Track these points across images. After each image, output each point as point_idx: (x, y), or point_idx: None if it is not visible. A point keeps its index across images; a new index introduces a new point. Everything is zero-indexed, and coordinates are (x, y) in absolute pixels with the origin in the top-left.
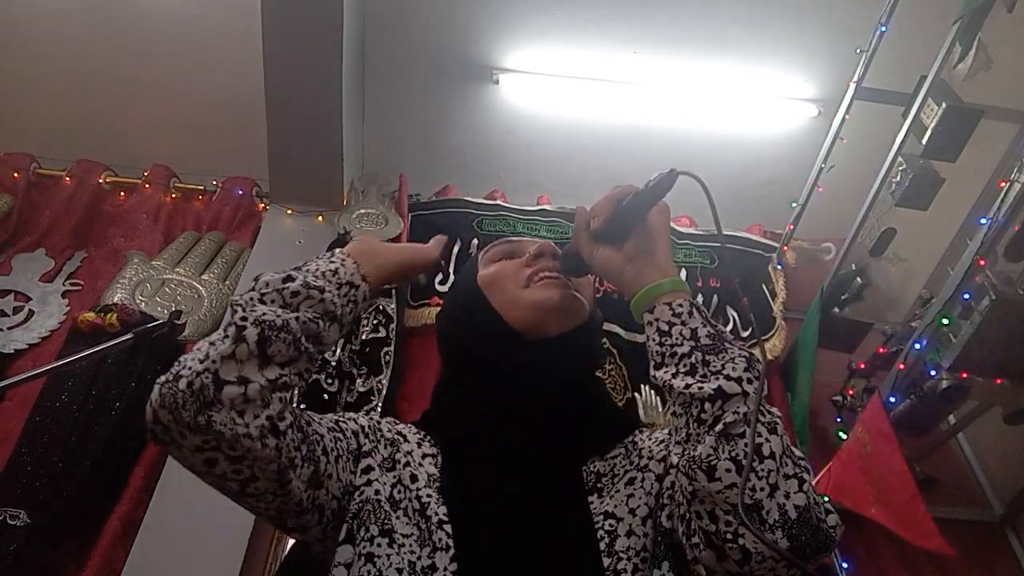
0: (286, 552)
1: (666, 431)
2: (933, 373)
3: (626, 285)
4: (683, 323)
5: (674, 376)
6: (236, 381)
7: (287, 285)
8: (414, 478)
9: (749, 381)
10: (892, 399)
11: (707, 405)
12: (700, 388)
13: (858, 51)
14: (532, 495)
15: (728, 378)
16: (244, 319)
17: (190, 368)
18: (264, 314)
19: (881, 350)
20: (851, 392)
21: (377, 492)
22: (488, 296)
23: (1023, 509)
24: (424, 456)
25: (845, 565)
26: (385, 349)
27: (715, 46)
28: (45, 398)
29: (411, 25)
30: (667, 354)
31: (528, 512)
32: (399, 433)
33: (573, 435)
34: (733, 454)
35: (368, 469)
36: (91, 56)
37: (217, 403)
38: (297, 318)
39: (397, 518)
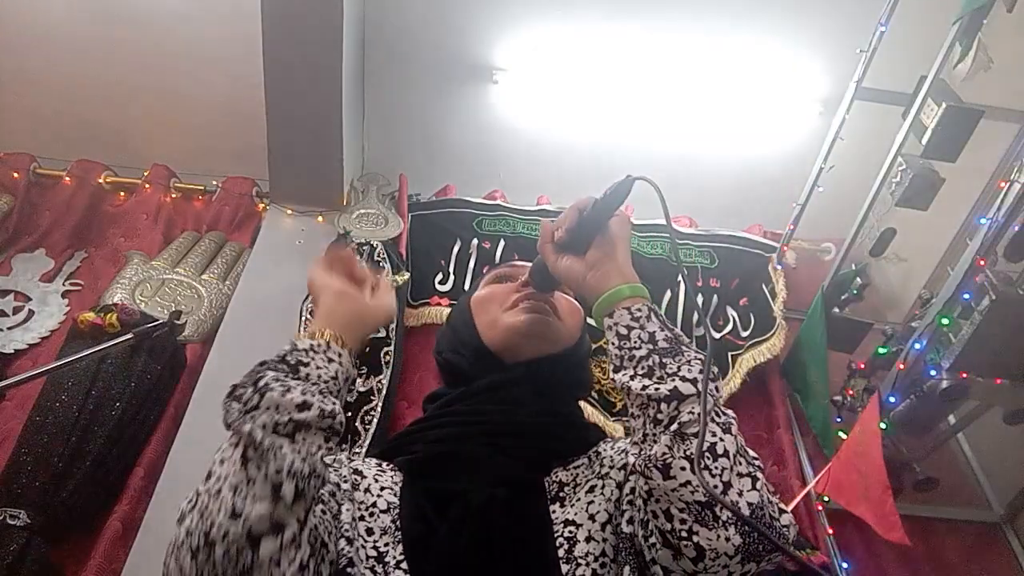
0: None
1: (628, 441)
2: (933, 373)
3: (589, 292)
4: (641, 327)
5: (632, 378)
6: (272, 532)
7: (303, 416)
8: (370, 532)
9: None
10: (892, 399)
11: (663, 406)
12: (656, 389)
13: (858, 51)
14: (493, 509)
15: (684, 379)
16: (279, 472)
17: (221, 528)
18: (293, 463)
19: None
20: (851, 392)
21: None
22: (475, 316)
23: (1023, 509)
24: (382, 489)
25: (845, 565)
26: (385, 349)
27: (715, 47)
28: (45, 398)
29: (411, 26)
30: (626, 357)
31: (488, 529)
32: (355, 471)
33: (536, 450)
34: (687, 452)
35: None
36: (91, 56)
37: (256, 567)
38: (321, 457)
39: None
